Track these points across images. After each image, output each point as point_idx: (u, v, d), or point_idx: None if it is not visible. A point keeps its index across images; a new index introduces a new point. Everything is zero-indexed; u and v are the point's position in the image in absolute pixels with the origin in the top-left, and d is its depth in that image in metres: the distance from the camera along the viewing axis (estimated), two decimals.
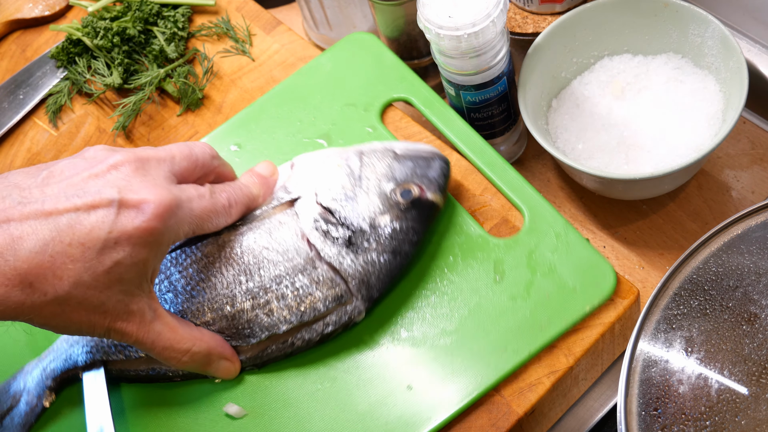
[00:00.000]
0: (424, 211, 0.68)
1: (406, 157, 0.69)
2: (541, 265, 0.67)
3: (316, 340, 0.66)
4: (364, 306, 0.66)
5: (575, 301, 0.65)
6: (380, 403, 0.65)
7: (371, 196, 0.67)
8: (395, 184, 0.68)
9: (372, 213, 0.67)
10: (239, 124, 0.80)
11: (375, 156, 0.69)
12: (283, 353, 0.67)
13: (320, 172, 0.69)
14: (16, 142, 0.90)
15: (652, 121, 0.79)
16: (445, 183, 0.69)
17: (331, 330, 0.66)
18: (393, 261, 0.66)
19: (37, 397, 0.68)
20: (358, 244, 0.66)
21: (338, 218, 0.67)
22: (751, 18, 0.85)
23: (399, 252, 0.66)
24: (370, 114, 0.77)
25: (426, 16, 0.71)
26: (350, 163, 0.69)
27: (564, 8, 0.86)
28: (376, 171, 0.68)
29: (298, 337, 0.66)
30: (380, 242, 0.66)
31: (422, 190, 0.68)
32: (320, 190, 0.68)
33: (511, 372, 0.64)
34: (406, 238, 0.67)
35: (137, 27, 0.89)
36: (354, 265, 0.65)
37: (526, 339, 0.65)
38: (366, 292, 0.66)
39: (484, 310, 0.66)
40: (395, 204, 0.67)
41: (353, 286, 0.65)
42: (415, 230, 0.67)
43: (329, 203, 0.67)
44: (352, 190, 0.68)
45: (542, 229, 0.69)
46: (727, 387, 0.55)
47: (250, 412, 0.66)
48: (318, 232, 0.66)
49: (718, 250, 0.60)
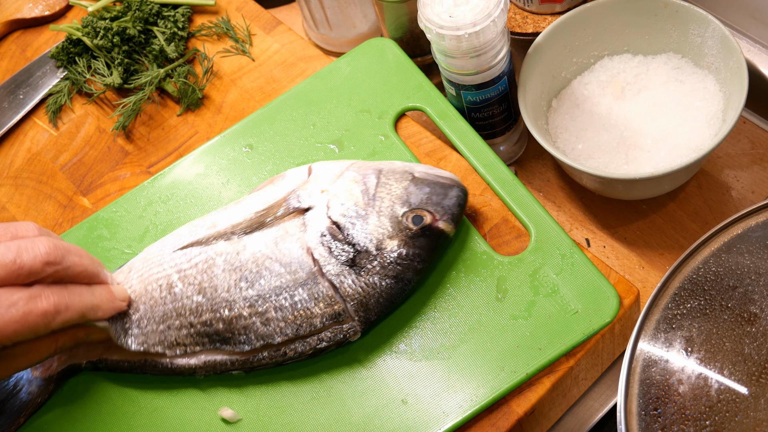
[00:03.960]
0: (432, 240, 0.67)
1: (423, 182, 0.68)
2: (545, 285, 0.67)
3: (308, 353, 0.66)
4: (360, 327, 0.66)
5: (576, 323, 0.65)
6: (374, 416, 0.65)
7: (382, 217, 0.67)
8: (408, 208, 0.67)
9: (380, 235, 0.66)
10: (252, 125, 0.80)
11: (393, 177, 0.69)
12: (273, 362, 0.66)
13: (336, 184, 0.69)
14: (16, 142, 0.90)
15: (652, 121, 0.79)
16: (460, 213, 0.68)
17: (325, 346, 0.66)
18: (394, 286, 0.66)
19: (37, 387, 0.68)
20: (362, 264, 0.65)
21: (345, 235, 0.66)
22: (751, 18, 0.85)
23: (402, 278, 0.66)
24: (384, 122, 0.77)
25: (427, 16, 0.71)
26: (367, 180, 0.69)
27: (564, 8, 0.86)
28: (391, 192, 0.68)
29: (290, 348, 0.66)
30: (384, 266, 0.66)
31: (434, 219, 0.67)
32: (333, 203, 0.68)
33: (506, 392, 0.64)
34: (410, 265, 0.66)
35: (137, 27, 0.89)
36: (354, 286, 0.65)
37: (524, 360, 0.64)
38: (364, 314, 0.65)
39: (483, 328, 0.66)
40: (405, 228, 0.66)
41: (351, 307, 0.65)
42: (420, 258, 0.66)
43: (338, 218, 0.67)
44: (364, 208, 0.67)
45: (548, 249, 0.68)
46: (727, 387, 0.55)
47: (245, 417, 0.66)
48: (323, 247, 0.66)
49: (718, 250, 0.60)
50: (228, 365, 0.67)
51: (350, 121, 0.78)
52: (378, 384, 0.66)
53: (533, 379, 0.65)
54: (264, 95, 0.86)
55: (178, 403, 0.68)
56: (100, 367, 0.69)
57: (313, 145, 0.77)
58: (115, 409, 0.68)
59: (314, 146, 0.77)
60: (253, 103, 0.86)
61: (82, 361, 0.69)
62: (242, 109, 0.86)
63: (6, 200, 0.86)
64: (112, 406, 0.69)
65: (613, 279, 0.67)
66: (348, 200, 0.68)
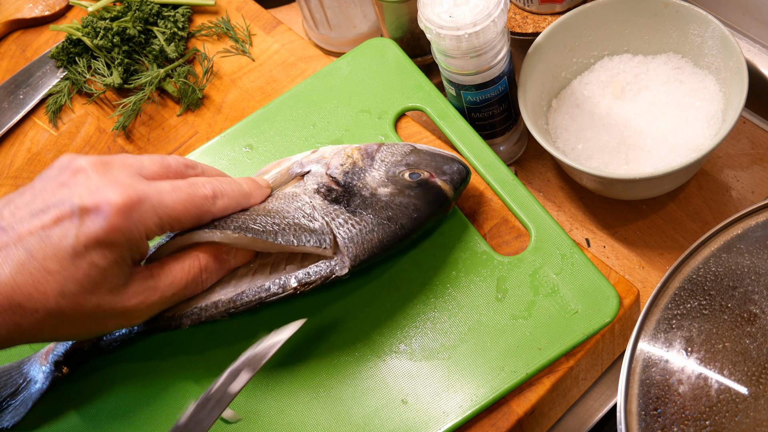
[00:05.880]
0: (429, 193, 0.67)
1: (424, 152, 0.69)
2: (545, 285, 0.67)
3: (292, 289, 0.64)
4: (348, 263, 0.64)
5: (576, 323, 0.65)
6: (374, 416, 0.65)
7: (380, 171, 0.68)
8: (406, 167, 0.68)
9: (376, 184, 0.67)
10: (253, 125, 0.80)
11: (394, 147, 0.70)
12: (257, 299, 0.65)
13: (337, 153, 0.70)
14: (16, 142, 0.90)
15: (652, 121, 0.79)
16: (459, 181, 0.68)
17: (312, 280, 0.64)
18: (387, 226, 0.65)
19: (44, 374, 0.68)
20: (354, 206, 0.66)
21: (343, 184, 0.67)
22: (751, 18, 0.85)
23: (395, 221, 0.66)
24: (384, 122, 0.77)
25: (427, 16, 0.71)
26: (368, 147, 0.70)
27: (564, 8, 0.86)
28: (392, 155, 0.69)
29: (274, 282, 0.65)
30: (376, 208, 0.66)
31: (431, 176, 0.67)
32: (332, 163, 0.69)
33: (506, 392, 0.64)
34: (404, 211, 0.66)
35: (137, 27, 0.89)
36: (345, 224, 0.65)
37: (524, 360, 0.64)
38: (353, 249, 0.64)
39: (483, 328, 0.66)
40: (401, 180, 0.67)
41: (340, 241, 0.64)
42: (415, 207, 0.66)
43: (336, 174, 0.68)
44: (362, 167, 0.68)
45: (548, 249, 0.68)
46: (727, 387, 0.55)
47: (245, 417, 0.66)
48: (320, 195, 0.67)
49: (718, 250, 0.60)
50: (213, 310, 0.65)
51: (350, 121, 0.78)
52: (378, 384, 0.66)
53: (533, 379, 0.65)
54: (264, 95, 0.86)
55: (179, 402, 0.68)
56: (101, 347, 0.68)
57: (313, 145, 0.77)
58: (115, 408, 0.68)
59: (314, 146, 0.77)
60: (253, 103, 0.86)
61: (83, 344, 0.68)
62: (242, 109, 0.86)
63: None
64: (112, 405, 0.69)
65: (613, 279, 0.67)
66: (347, 161, 0.69)
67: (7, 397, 0.68)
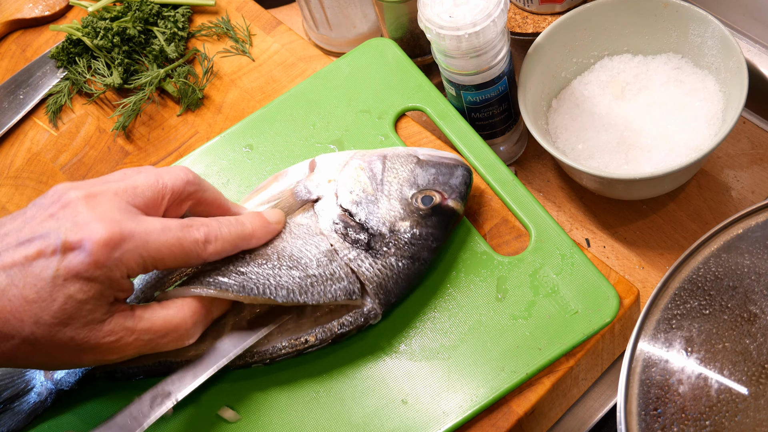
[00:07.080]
0: (444, 218, 0.67)
1: (429, 164, 0.69)
2: (545, 285, 0.67)
3: (330, 339, 0.66)
4: (380, 309, 0.66)
5: (576, 323, 0.65)
6: (374, 416, 0.65)
7: (392, 200, 0.67)
8: (417, 189, 0.68)
9: (392, 218, 0.67)
10: (253, 125, 0.80)
11: (398, 161, 0.69)
12: (295, 350, 0.66)
13: (342, 173, 0.69)
14: (16, 142, 0.90)
15: (652, 121, 0.79)
16: (467, 191, 0.69)
17: (347, 330, 0.66)
18: (411, 266, 0.66)
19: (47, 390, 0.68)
20: (377, 248, 0.66)
21: (358, 221, 0.67)
22: (751, 18, 0.85)
23: (418, 258, 0.66)
24: (384, 122, 0.77)
25: (427, 16, 0.71)
26: (373, 166, 0.69)
27: (564, 8, 0.86)
28: (398, 176, 0.68)
29: (311, 333, 0.66)
30: (399, 247, 0.66)
31: (443, 198, 0.67)
32: (341, 191, 0.68)
33: (506, 392, 0.64)
34: (425, 244, 0.66)
35: (137, 27, 0.89)
36: (372, 269, 0.65)
37: (524, 360, 0.64)
38: (384, 296, 0.66)
39: (484, 328, 0.66)
40: (416, 210, 0.67)
41: (370, 290, 0.65)
42: (434, 237, 0.67)
43: (349, 206, 0.67)
44: (373, 194, 0.68)
45: (548, 249, 0.68)
46: (727, 387, 0.55)
47: (244, 417, 0.66)
48: (337, 235, 0.66)
49: (718, 250, 0.60)
50: (248, 358, 0.66)
51: (350, 121, 0.78)
52: (378, 384, 0.66)
53: (533, 379, 0.65)
54: (264, 95, 0.86)
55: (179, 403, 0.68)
56: (116, 377, 0.68)
57: (313, 145, 0.77)
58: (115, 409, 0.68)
59: (314, 146, 0.77)
60: (253, 103, 0.86)
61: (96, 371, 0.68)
62: (242, 109, 0.86)
63: (6, 200, 0.86)
64: (112, 406, 0.69)
65: (613, 279, 0.67)
66: (356, 187, 0.68)
67: (6, 401, 0.68)
